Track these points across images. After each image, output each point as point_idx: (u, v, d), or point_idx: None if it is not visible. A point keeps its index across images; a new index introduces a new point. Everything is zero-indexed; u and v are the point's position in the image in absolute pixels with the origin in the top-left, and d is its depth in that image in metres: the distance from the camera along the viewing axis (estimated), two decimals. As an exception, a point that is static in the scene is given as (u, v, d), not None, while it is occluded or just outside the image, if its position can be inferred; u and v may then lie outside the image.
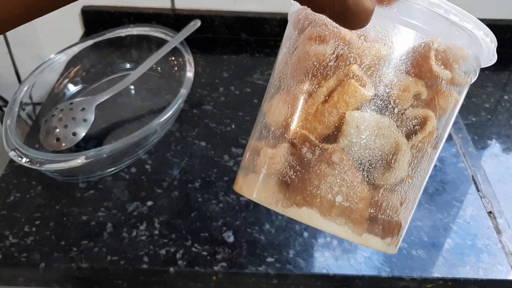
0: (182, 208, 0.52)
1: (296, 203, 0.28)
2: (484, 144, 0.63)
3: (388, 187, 0.29)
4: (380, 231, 0.29)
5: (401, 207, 0.29)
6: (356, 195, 0.28)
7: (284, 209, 0.29)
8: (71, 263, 0.46)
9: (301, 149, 0.28)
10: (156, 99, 0.66)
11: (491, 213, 0.53)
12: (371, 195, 0.28)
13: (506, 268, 0.47)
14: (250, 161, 0.32)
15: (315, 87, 0.29)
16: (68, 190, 0.54)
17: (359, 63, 0.28)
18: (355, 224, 0.28)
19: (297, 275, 0.46)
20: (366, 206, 0.28)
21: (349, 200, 0.28)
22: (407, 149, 0.28)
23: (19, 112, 0.57)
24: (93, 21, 0.81)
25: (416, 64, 0.28)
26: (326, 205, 0.28)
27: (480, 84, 0.74)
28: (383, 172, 0.28)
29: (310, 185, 0.28)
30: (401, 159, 0.28)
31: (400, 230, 0.30)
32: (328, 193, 0.27)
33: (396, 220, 0.29)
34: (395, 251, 0.30)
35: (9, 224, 0.50)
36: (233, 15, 0.80)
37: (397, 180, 0.29)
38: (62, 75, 0.66)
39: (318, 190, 0.27)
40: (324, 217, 0.28)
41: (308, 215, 0.28)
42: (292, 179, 0.28)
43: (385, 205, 0.29)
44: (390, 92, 0.28)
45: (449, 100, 0.29)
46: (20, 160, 0.50)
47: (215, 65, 0.75)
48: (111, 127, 0.62)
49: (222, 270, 0.46)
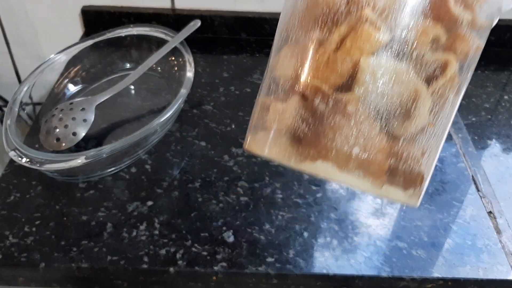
0: (182, 208, 0.52)
1: (310, 157, 0.27)
2: (484, 144, 0.63)
3: (408, 136, 0.27)
4: (401, 182, 0.27)
5: (423, 157, 0.28)
6: (374, 147, 0.26)
7: (298, 164, 0.27)
8: (71, 263, 0.46)
9: (313, 101, 0.27)
10: (156, 99, 0.67)
11: (491, 213, 0.53)
12: (390, 146, 0.27)
13: (506, 268, 0.47)
14: (259, 119, 0.30)
15: (326, 35, 0.27)
16: (68, 190, 0.54)
17: (372, 6, 0.26)
18: (374, 176, 0.27)
19: (297, 275, 0.46)
20: (385, 158, 0.27)
21: (367, 152, 0.26)
22: (427, 96, 0.27)
23: (19, 112, 0.57)
24: (93, 21, 0.81)
25: (434, 5, 0.26)
26: (343, 158, 0.26)
27: (480, 84, 0.74)
28: (402, 121, 0.26)
29: (325, 138, 0.26)
30: (421, 106, 0.27)
31: (422, 181, 0.28)
32: (344, 145, 0.26)
33: (418, 171, 0.28)
34: (417, 203, 0.29)
35: (9, 224, 0.50)
36: (233, 15, 0.80)
37: (417, 129, 0.27)
38: (62, 75, 0.66)
39: (333, 142, 0.26)
40: (341, 170, 0.26)
41: (324, 169, 0.27)
42: (305, 133, 0.27)
43: (406, 156, 0.27)
44: (407, 35, 0.26)
45: (470, 44, 0.28)
46: (20, 160, 0.50)
47: (215, 65, 0.75)
48: (111, 127, 0.62)
49: (222, 270, 0.46)
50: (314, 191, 0.54)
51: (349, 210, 0.52)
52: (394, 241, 0.49)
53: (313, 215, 0.52)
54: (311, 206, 0.53)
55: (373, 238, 0.49)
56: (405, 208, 0.53)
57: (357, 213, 0.52)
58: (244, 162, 0.57)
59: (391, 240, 0.49)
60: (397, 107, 0.26)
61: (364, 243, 0.49)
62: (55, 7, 0.81)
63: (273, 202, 0.53)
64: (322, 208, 0.52)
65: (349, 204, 0.53)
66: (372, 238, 0.49)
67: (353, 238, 0.49)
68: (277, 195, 0.54)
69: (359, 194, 0.54)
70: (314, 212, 0.52)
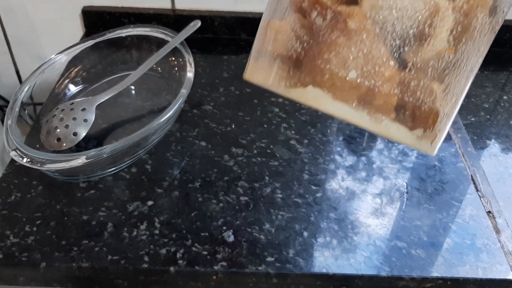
0: (182, 207, 0.52)
1: (301, 82, 0.23)
2: (483, 144, 0.63)
3: (419, 61, 0.22)
4: (407, 118, 0.22)
5: (439, 92, 0.22)
6: (379, 74, 0.21)
7: (287, 90, 0.23)
8: (72, 263, 0.46)
9: (310, 14, 0.22)
10: (157, 99, 0.67)
11: (490, 213, 0.53)
12: (399, 75, 0.21)
13: (505, 267, 0.47)
14: (258, 42, 0.26)
15: None
16: (68, 190, 0.54)
17: None
18: (376, 110, 0.22)
19: (297, 275, 0.46)
20: (391, 89, 0.21)
21: (368, 79, 0.21)
22: (448, 11, 0.21)
23: (20, 112, 0.57)
24: (93, 22, 0.81)
25: None
26: (338, 83, 0.22)
27: (479, 84, 0.75)
28: (415, 41, 0.21)
29: (319, 58, 0.22)
30: (439, 23, 0.21)
31: (436, 120, 0.23)
32: (341, 68, 0.21)
33: (430, 107, 0.22)
34: (431, 149, 0.23)
35: (10, 223, 0.50)
36: (233, 16, 0.80)
37: (432, 52, 0.22)
38: (63, 75, 0.66)
39: (327, 64, 0.22)
40: (335, 99, 0.22)
41: (313, 96, 0.23)
42: (298, 52, 0.23)
43: (414, 85, 0.22)
44: None
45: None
46: (21, 160, 0.50)
47: (215, 65, 0.75)
48: (111, 127, 0.62)
49: (222, 269, 0.46)
50: (314, 191, 0.54)
51: (348, 209, 0.52)
52: (394, 241, 0.49)
53: (312, 215, 0.52)
54: (311, 206, 0.53)
55: (373, 237, 0.50)
56: (405, 208, 0.53)
57: (356, 213, 0.52)
58: (244, 162, 0.58)
59: (391, 239, 0.49)
60: (411, 24, 0.21)
61: (364, 242, 0.49)
62: (56, 7, 0.81)
63: (273, 202, 0.53)
64: (321, 208, 0.53)
65: (349, 204, 0.53)
66: (372, 237, 0.50)
67: (353, 237, 0.49)
68: (277, 195, 0.54)
69: (359, 194, 0.54)
70: (314, 211, 0.52)
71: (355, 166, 0.58)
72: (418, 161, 0.59)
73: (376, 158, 0.59)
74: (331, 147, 0.60)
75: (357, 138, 0.62)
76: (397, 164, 0.58)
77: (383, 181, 0.56)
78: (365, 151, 0.60)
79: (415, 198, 0.54)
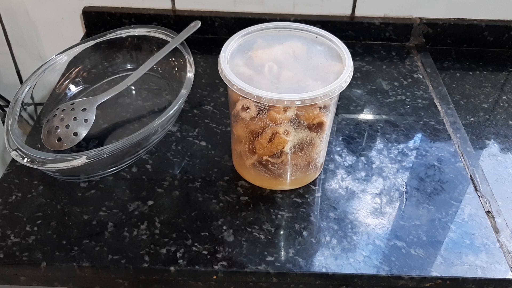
0: (183, 207, 0.52)
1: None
2: (482, 144, 0.63)
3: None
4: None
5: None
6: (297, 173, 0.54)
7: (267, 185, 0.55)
8: (73, 262, 0.47)
9: (264, 160, 0.51)
10: (157, 99, 0.67)
11: (489, 213, 0.53)
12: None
13: (504, 267, 0.48)
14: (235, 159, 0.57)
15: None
16: (69, 190, 0.54)
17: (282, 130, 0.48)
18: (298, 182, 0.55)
19: (296, 274, 0.47)
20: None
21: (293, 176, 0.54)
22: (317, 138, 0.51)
23: (20, 112, 0.58)
24: (94, 22, 0.81)
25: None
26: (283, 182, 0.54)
27: (478, 84, 0.75)
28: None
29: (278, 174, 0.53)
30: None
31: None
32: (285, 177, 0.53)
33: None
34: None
35: (10, 223, 0.50)
36: (233, 16, 0.80)
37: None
38: (64, 76, 0.66)
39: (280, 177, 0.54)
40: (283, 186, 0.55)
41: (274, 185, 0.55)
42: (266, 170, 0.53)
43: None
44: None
45: (323, 118, 0.49)
46: (22, 160, 0.50)
47: (215, 66, 0.75)
48: (112, 127, 0.63)
49: (222, 269, 0.46)
50: (314, 191, 0.55)
51: (348, 209, 0.53)
52: (393, 240, 0.49)
53: (312, 215, 0.52)
54: (310, 205, 0.53)
55: (372, 237, 0.50)
56: (404, 207, 0.53)
57: (356, 213, 0.52)
58: (244, 162, 0.58)
59: (390, 239, 0.50)
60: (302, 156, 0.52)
61: (363, 242, 0.49)
62: (56, 8, 0.81)
63: (273, 202, 0.53)
64: (321, 208, 0.53)
65: (348, 204, 0.53)
66: (371, 237, 0.50)
67: (352, 237, 0.50)
68: (276, 194, 0.54)
69: (358, 193, 0.54)
70: (313, 211, 0.52)
71: (355, 166, 0.58)
72: (417, 161, 0.59)
73: (375, 158, 0.59)
74: (330, 147, 0.60)
75: (357, 138, 0.62)
76: (396, 164, 0.58)
77: (382, 181, 0.56)
78: (365, 151, 0.60)
79: (414, 198, 0.54)
